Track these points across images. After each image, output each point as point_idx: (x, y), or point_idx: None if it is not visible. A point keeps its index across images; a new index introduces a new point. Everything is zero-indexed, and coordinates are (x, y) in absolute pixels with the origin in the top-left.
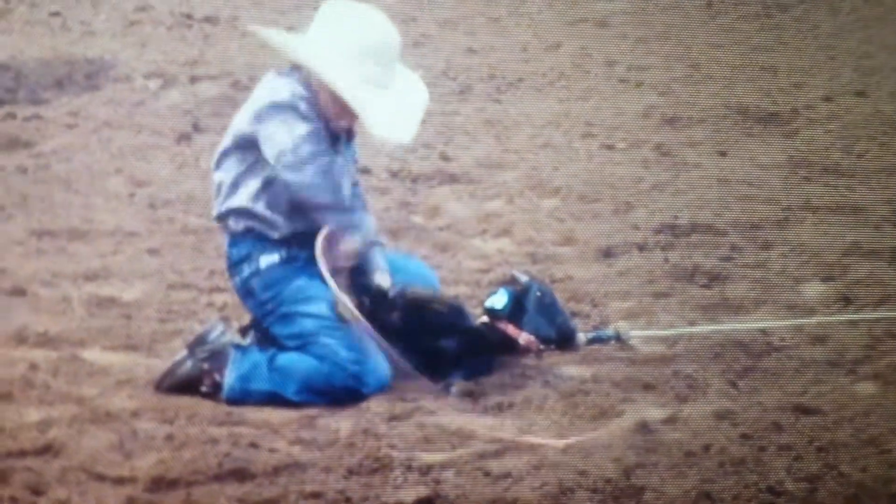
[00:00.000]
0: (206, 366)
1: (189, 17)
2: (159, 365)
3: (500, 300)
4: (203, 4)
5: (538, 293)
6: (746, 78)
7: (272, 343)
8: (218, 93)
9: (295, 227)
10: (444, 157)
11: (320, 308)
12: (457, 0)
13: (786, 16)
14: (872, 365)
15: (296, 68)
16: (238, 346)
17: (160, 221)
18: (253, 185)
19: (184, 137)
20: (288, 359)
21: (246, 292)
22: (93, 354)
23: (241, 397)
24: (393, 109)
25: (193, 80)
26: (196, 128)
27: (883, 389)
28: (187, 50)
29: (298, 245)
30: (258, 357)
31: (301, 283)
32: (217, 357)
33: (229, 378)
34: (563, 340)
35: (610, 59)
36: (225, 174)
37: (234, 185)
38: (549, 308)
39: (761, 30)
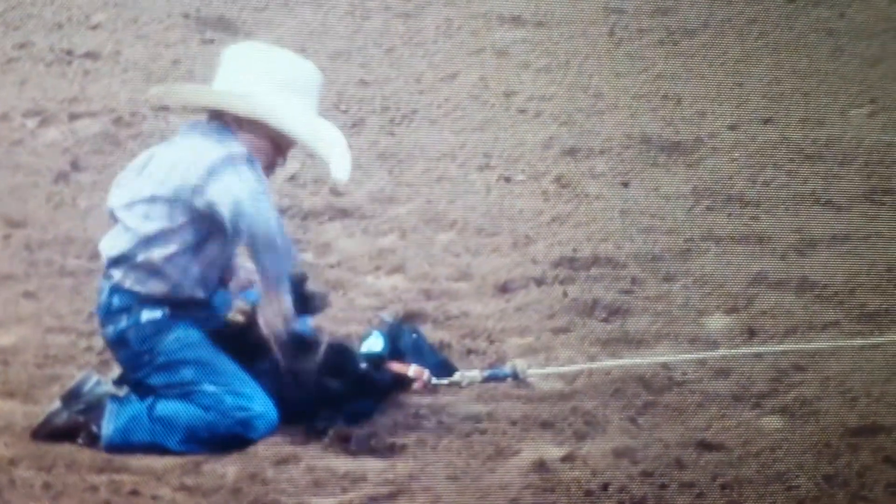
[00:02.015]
0: (81, 418)
1: (69, 53)
2: (37, 411)
3: (376, 343)
4: (84, 40)
5: (411, 333)
6: (650, 107)
7: (145, 392)
8: (99, 130)
9: (194, 294)
10: (336, 193)
11: (200, 355)
12: (349, 31)
13: (692, 42)
14: (779, 399)
15: (213, 119)
16: (114, 397)
17: (37, 264)
18: (173, 246)
19: (62, 176)
20: (169, 408)
21: (119, 342)
22: None
23: (122, 449)
24: (331, 140)
25: (73, 117)
26: (75, 166)
27: (789, 424)
28: (67, 87)
29: (183, 306)
30: (137, 407)
31: (179, 333)
32: (92, 409)
33: (107, 430)
34: (445, 373)
35: (509, 90)
36: (141, 222)
37: (151, 240)
38: (424, 345)
39: (666, 57)
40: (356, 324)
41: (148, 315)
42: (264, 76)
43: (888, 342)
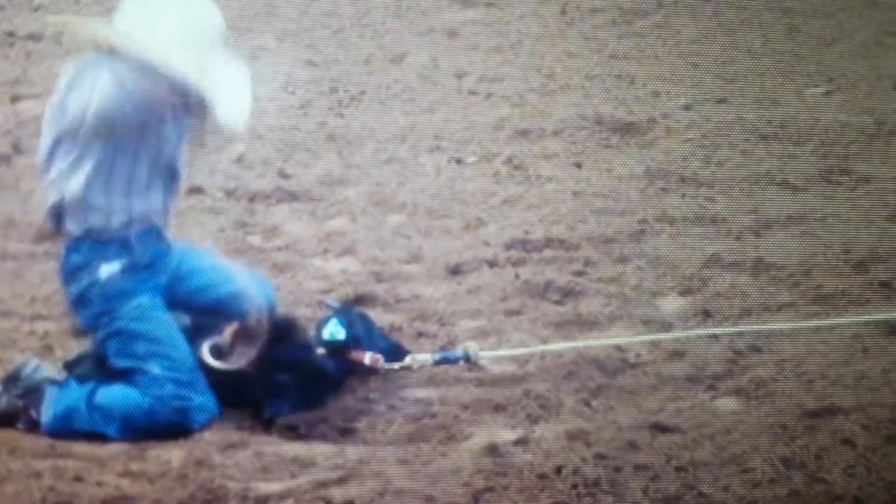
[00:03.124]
0: (20, 403)
1: (11, 34)
2: None
3: (338, 331)
4: (26, 22)
5: (359, 316)
6: (603, 87)
7: (103, 368)
8: (41, 112)
9: (132, 209)
10: (283, 175)
11: (154, 330)
12: (297, 11)
13: (645, 22)
14: (734, 380)
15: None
16: (54, 382)
17: None
18: (85, 168)
19: (3, 159)
20: (108, 395)
21: (80, 302)
22: None
23: (62, 435)
24: (229, 88)
25: (15, 99)
26: (16, 149)
27: (745, 405)
28: (9, 68)
29: (140, 249)
30: (76, 394)
31: (143, 300)
32: (32, 394)
33: (46, 417)
34: (396, 357)
35: (460, 71)
36: (56, 168)
37: (65, 176)
38: (373, 330)
39: (619, 37)
40: (304, 307)
41: (107, 270)
42: (161, 20)
43: (844, 324)
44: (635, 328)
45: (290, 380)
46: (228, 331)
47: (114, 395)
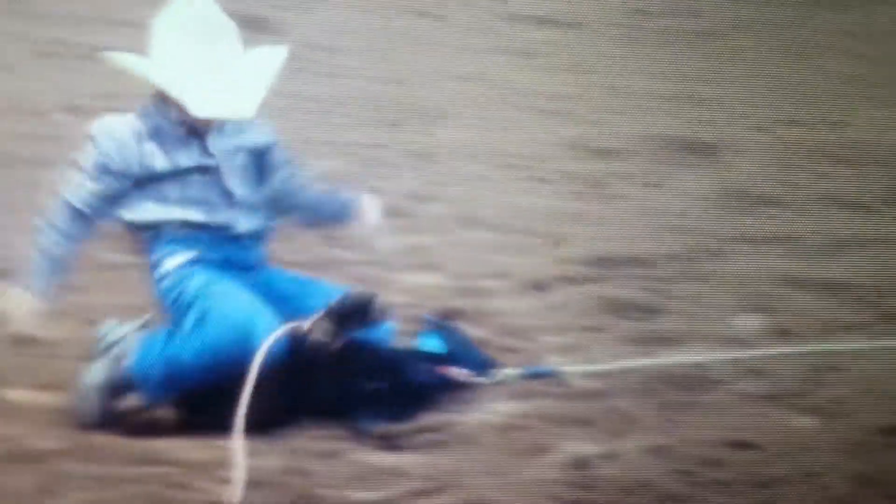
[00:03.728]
0: (118, 366)
1: (98, 48)
2: None
3: (435, 344)
4: (116, 38)
5: (454, 330)
6: (678, 108)
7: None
8: None
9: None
10: (370, 190)
11: (215, 290)
12: (379, 31)
13: (719, 44)
14: (812, 399)
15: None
16: (140, 330)
17: (82, 258)
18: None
19: None
20: (181, 340)
21: (159, 296)
22: (16, 394)
23: (149, 379)
24: (217, 87)
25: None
26: None
27: (822, 423)
28: (98, 83)
29: (208, 246)
30: (156, 338)
31: (205, 275)
32: (121, 348)
33: (130, 362)
34: (487, 370)
35: (536, 89)
36: None
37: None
38: (466, 341)
39: (694, 59)
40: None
41: (178, 260)
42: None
43: None
44: (714, 346)
45: (385, 391)
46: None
47: (186, 339)
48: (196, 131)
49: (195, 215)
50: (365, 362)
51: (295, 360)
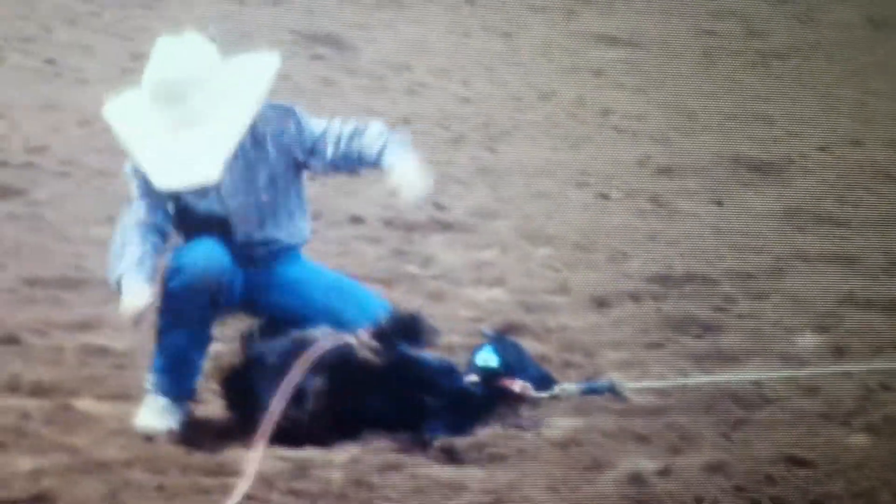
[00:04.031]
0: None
1: None
2: None
3: (491, 358)
4: None
5: (512, 345)
6: (742, 127)
7: None
8: None
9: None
10: (438, 206)
11: None
12: (452, 49)
13: (783, 65)
14: (866, 417)
15: None
16: None
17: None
18: None
19: None
20: None
21: None
22: (85, 404)
23: None
24: (178, 151)
25: None
26: None
27: (876, 442)
28: None
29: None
30: None
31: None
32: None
33: None
34: (545, 385)
35: (605, 108)
36: None
37: None
38: (526, 358)
39: (758, 79)
40: (457, 335)
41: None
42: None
43: None
44: (772, 363)
45: (444, 404)
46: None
47: None
48: None
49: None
50: (416, 377)
51: (342, 373)
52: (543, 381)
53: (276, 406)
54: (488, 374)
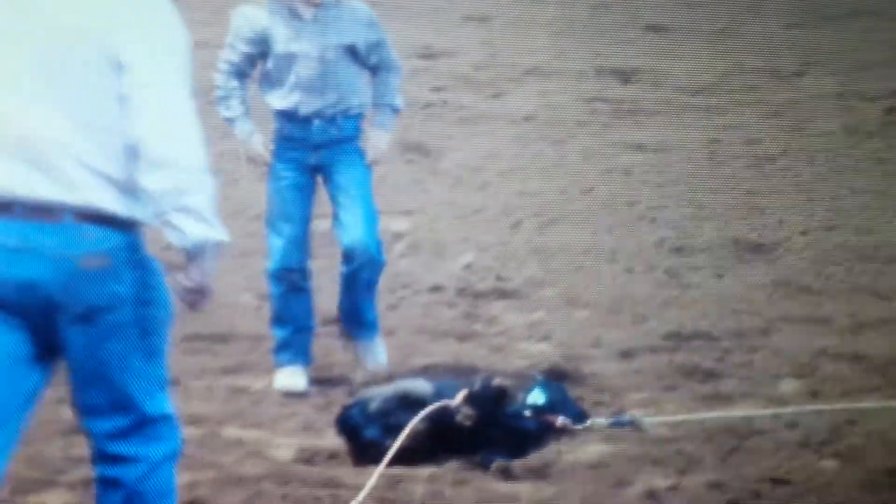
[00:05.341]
0: None
1: None
2: (281, 440)
3: (540, 397)
4: None
5: (555, 387)
6: (740, 215)
7: None
8: None
9: None
10: (500, 278)
11: None
12: (514, 155)
13: (773, 166)
14: (835, 446)
15: None
16: None
17: None
18: None
19: None
20: None
21: None
22: (229, 431)
23: None
24: None
25: None
26: None
27: (843, 466)
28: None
29: None
30: None
31: None
32: None
33: None
34: (581, 420)
35: (632, 201)
36: None
37: None
38: (566, 397)
39: (753, 177)
40: (514, 379)
41: None
42: None
43: None
44: (760, 403)
45: (503, 435)
46: (460, 396)
47: None
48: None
49: (276, 101)
50: (494, 428)
51: (439, 424)
52: (579, 417)
53: (390, 452)
54: (537, 410)
